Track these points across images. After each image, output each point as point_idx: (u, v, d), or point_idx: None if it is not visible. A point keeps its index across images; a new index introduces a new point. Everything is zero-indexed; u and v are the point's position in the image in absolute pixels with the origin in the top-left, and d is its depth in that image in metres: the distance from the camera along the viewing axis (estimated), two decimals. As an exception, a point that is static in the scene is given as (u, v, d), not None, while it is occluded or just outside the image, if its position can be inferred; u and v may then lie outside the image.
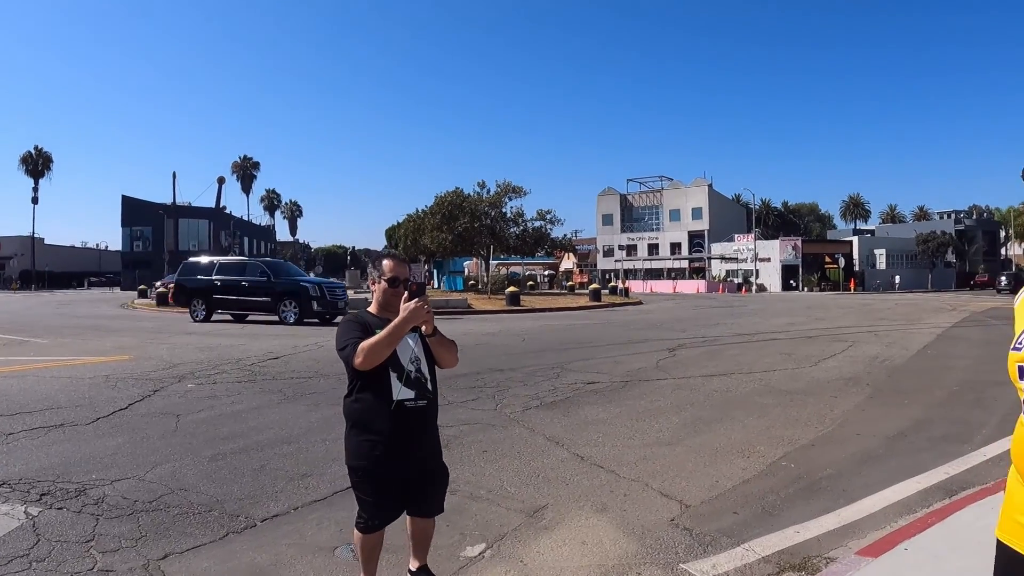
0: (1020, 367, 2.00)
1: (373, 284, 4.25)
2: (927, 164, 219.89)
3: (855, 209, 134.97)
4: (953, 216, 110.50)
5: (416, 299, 3.83)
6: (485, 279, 55.57)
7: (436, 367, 4.28)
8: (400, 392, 3.99)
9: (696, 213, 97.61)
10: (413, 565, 4.48)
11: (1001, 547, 2.16)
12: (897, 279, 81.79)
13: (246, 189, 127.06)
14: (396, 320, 3.82)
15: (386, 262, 4.23)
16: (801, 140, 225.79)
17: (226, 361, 15.19)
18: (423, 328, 4.00)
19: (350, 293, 32.46)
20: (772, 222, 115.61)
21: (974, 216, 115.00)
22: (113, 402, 10.49)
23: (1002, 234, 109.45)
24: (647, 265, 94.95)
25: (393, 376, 3.98)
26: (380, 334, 3.81)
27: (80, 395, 11.10)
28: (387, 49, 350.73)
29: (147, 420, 9.37)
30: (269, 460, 7.50)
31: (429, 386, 4.15)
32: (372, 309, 4.22)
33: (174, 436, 8.51)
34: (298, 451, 7.87)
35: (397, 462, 4.02)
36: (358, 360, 3.80)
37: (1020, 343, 2.03)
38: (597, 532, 5.53)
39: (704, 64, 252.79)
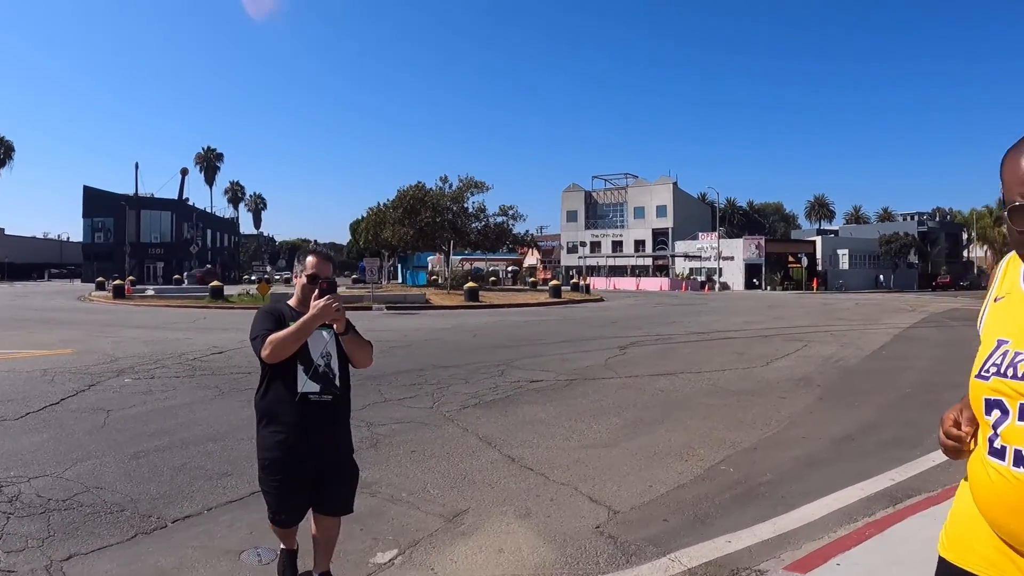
0: (987, 400, 1.87)
1: (296, 278, 4.27)
2: (892, 166, 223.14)
3: (820, 209, 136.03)
4: (917, 218, 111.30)
5: (326, 297, 3.87)
6: (447, 274, 55.27)
7: (350, 365, 4.29)
8: (305, 385, 4.03)
9: (661, 211, 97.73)
10: (316, 572, 4.36)
11: (941, 563, 2.08)
12: (881, 278, 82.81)
13: (210, 181, 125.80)
14: (305, 316, 3.87)
15: (309, 258, 4.23)
16: (768, 140, 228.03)
17: (168, 355, 14.87)
18: (335, 326, 4.02)
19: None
20: (737, 221, 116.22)
21: (937, 218, 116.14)
22: (45, 396, 10.24)
23: (965, 236, 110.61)
24: (611, 262, 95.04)
25: (300, 369, 4.02)
26: (288, 329, 3.87)
27: (14, 389, 10.83)
28: (353, 42, 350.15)
29: (76, 416, 9.15)
30: (191, 458, 7.29)
31: (337, 382, 4.17)
32: (292, 303, 4.22)
33: (100, 432, 8.30)
34: (223, 449, 7.63)
35: (301, 455, 4.03)
36: (265, 352, 3.86)
37: (987, 371, 1.87)
38: (516, 539, 5.28)
39: (670, 65, 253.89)
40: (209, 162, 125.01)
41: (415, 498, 6.15)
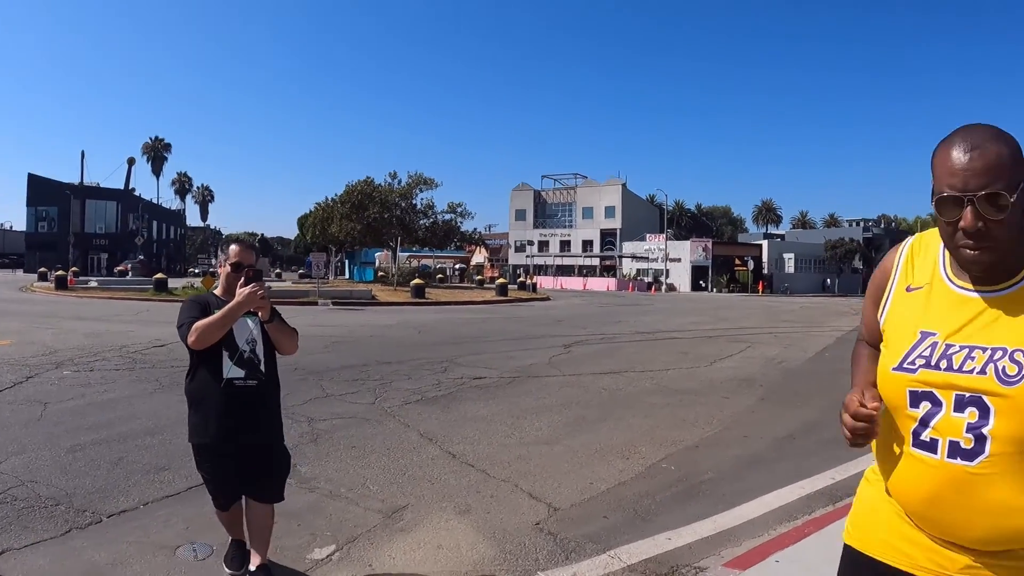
0: (914, 393, 1.88)
1: (221, 267, 4.32)
2: (840, 173, 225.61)
3: (767, 214, 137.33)
4: (862, 224, 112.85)
5: (251, 285, 3.94)
6: (394, 271, 54.99)
7: (276, 352, 4.35)
8: (230, 371, 4.10)
9: (609, 211, 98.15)
10: (254, 562, 4.40)
11: (847, 551, 2.18)
12: (828, 281, 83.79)
13: (157, 171, 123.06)
14: (230, 304, 3.95)
15: (233, 247, 4.29)
16: (717, 145, 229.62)
17: (109, 348, 14.54)
18: (259, 314, 4.08)
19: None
20: (685, 223, 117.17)
21: (883, 225, 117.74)
22: (-19, 388, 9.95)
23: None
24: (559, 261, 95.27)
25: (225, 355, 4.10)
26: (214, 316, 3.93)
27: (-49, 382, 10.51)
28: (301, 35, 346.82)
29: (13, 408, 8.95)
30: (129, 452, 7.14)
31: (262, 367, 4.23)
32: (218, 291, 4.31)
33: (37, 425, 8.12)
34: (161, 443, 7.48)
35: (229, 439, 4.13)
36: (191, 339, 3.92)
37: (913, 363, 1.89)
38: (455, 535, 5.23)
39: (622, 68, 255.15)
40: (157, 152, 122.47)
41: (354, 494, 6.07)
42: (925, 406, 1.86)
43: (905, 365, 1.91)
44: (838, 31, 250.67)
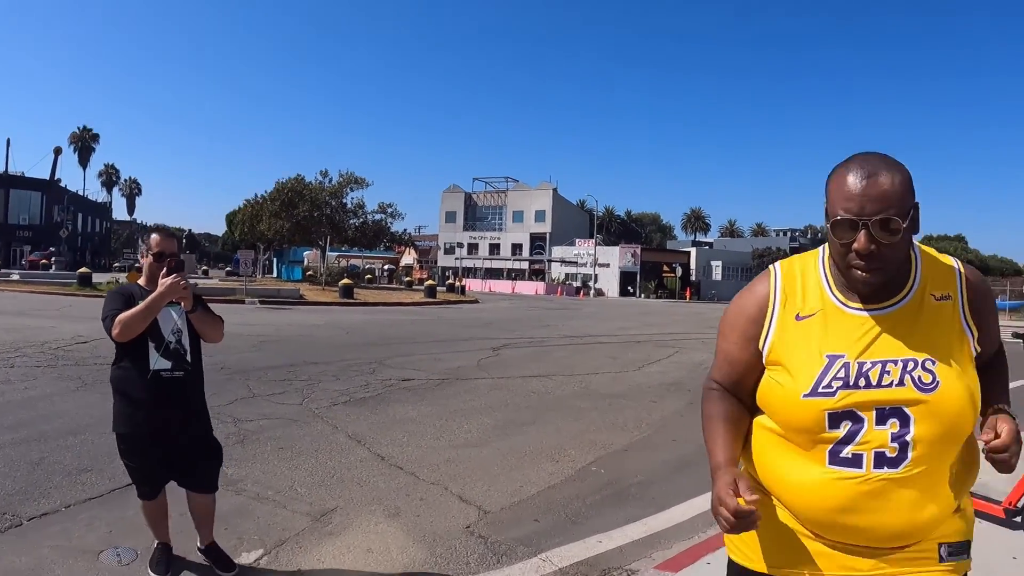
0: (832, 414, 1.94)
1: (143, 258, 4.29)
2: (768, 183, 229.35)
3: (696, 222, 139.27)
4: (789, 234, 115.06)
5: (173, 275, 3.93)
6: (323, 270, 54.47)
7: (202, 342, 4.39)
8: (157, 362, 4.09)
9: (539, 216, 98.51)
10: (201, 543, 4.56)
11: (735, 569, 2.27)
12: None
13: (84, 162, 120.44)
14: (152, 295, 3.93)
15: (154, 236, 4.27)
16: (649, 152, 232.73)
17: (30, 343, 14.12)
18: (182, 304, 4.09)
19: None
20: (615, 229, 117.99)
21: (809, 235, 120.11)
22: None
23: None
24: (488, 264, 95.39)
25: (151, 346, 4.09)
26: (136, 308, 3.92)
27: None
28: (229, 32, 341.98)
29: (-73, 407, 8.59)
30: (50, 453, 6.93)
31: (188, 358, 4.24)
32: (142, 281, 4.28)
33: None
34: (83, 443, 7.27)
35: (156, 430, 4.12)
36: (115, 331, 3.90)
37: (829, 387, 1.94)
38: (385, 539, 5.17)
39: (555, 72, 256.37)
40: (84, 142, 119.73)
41: (282, 496, 5.97)
42: (846, 425, 1.93)
43: (820, 389, 1.95)
44: (765, 37, 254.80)
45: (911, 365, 1.91)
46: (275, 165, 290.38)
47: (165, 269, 3.98)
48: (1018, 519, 5.29)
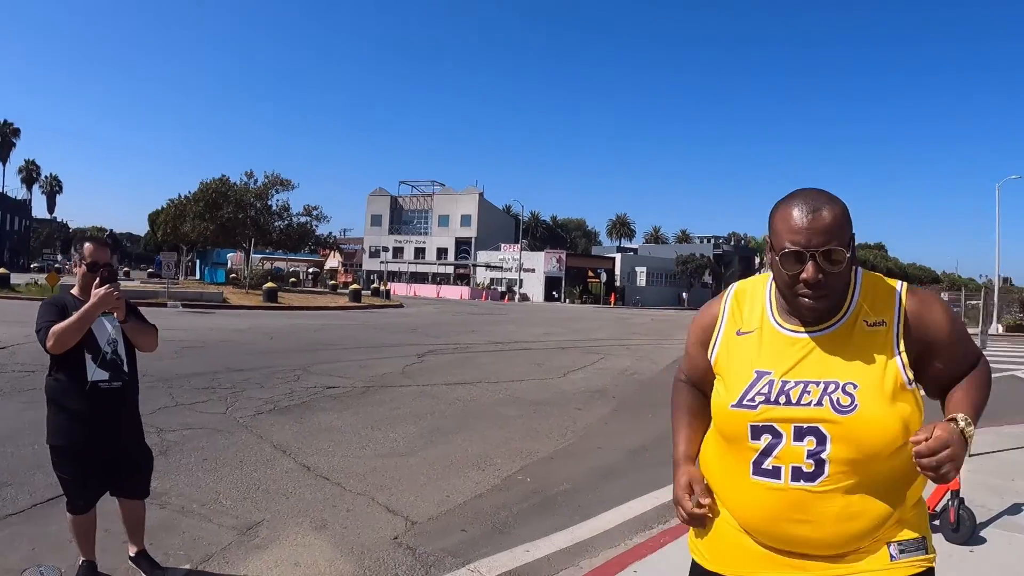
0: (754, 427, 2.07)
1: (76, 267, 4.34)
2: (692, 191, 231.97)
3: (621, 228, 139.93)
4: (713, 241, 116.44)
5: (106, 286, 3.92)
6: (247, 273, 53.74)
7: (136, 350, 4.40)
8: (94, 373, 4.08)
9: (465, 220, 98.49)
10: (132, 551, 4.53)
11: (697, 568, 2.34)
12: (685, 296, 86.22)
13: (3, 158, 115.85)
14: (86, 306, 3.91)
15: (87, 245, 4.21)
16: (575, 158, 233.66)
17: (-59, 350, 13.58)
18: (115, 314, 4.08)
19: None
20: (540, 234, 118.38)
21: (732, 242, 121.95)
22: None
23: (757, 260, 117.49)
24: (413, 268, 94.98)
25: (88, 357, 4.07)
26: (70, 319, 3.90)
27: None
28: (154, 28, 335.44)
29: None
30: (-34, 467, 6.66)
31: (125, 368, 4.27)
32: (75, 291, 4.25)
33: None
34: (2, 457, 7.03)
35: (94, 441, 4.12)
36: (50, 343, 3.88)
37: (752, 400, 2.07)
38: (313, 552, 5.15)
39: (479, 73, 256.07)
40: (5, 137, 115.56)
41: (207, 509, 5.90)
42: (766, 438, 2.05)
43: (745, 402, 2.08)
44: (689, 50, 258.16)
45: (832, 387, 2.00)
46: (200, 165, 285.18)
47: (98, 279, 3.96)
48: (936, 523, 5.45)
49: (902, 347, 2.06)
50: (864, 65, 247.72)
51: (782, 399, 2.04)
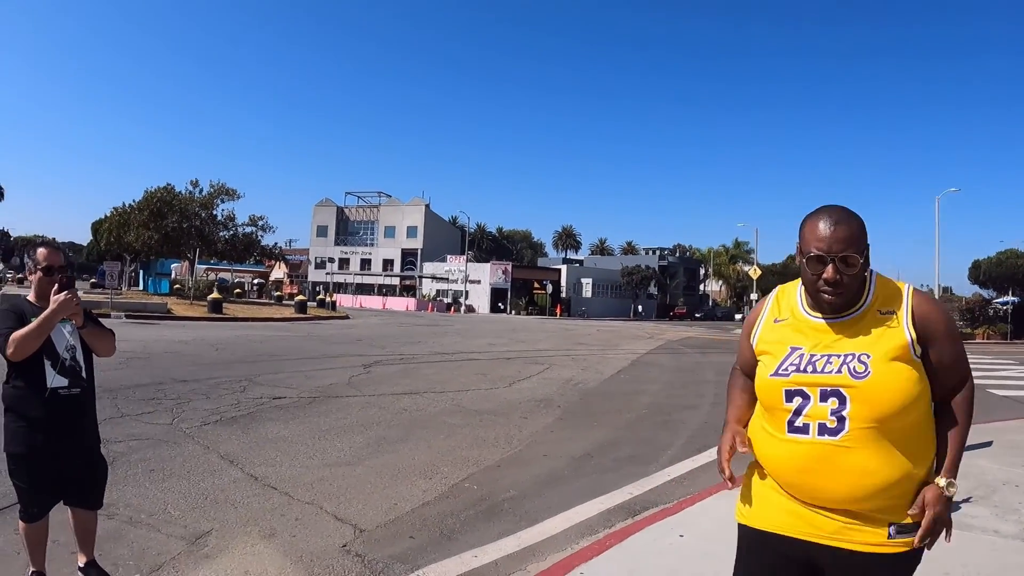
0: (788, 391, 2.52)
1: (30, 274, 4.24)
2: (639, 205, 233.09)
3: (567, 239, 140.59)
4: (658, 252, 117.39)
5: (65, 291, 3.91)
6: (191, 284, 53.09)
7: (93, 356, 4.39)
8: (54, 380, 4.09)
9: (411, 231, 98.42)
10: (81, 561, 4.51)
11: (742, 529, 2.77)
12: (641, 308, 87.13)
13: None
14: (45, 312, 3.90)
15: (40, 251, 4.24)
16: (520, 170, 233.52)
17: None
18: (74, 320, 4.07)
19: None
20: (486, 246, 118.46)
21: (678, 254, 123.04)
22: None
23: (702, 272, 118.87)
24: (359, 280, 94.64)
25: (47, 364, 4.07)
26: (30, 326, 3.89)
27: None
28: (106, 26, 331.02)
29: None
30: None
31: (84, 374, 4.26)
32: (31, 298, 4.23)
33: None
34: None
35: (53, 449, 4.11)
36: (9, 351, 3.86)
37: (786, 370, 2.54)
38: (262, 560, 5.19)
39: (425, 85, 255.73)
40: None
41: (155, 520, 5.90)
42: (797, 400, 2.51)
43: (780, 371, 2.56)
44: (634, 61, 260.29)
45: (849, 358, 2.46)
46: (143, 174, 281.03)
47: (57, 286, 3.95)
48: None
49: (911, 328, 2.49)
50: (804, 77, 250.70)
51: (809, 368, 2.51)
